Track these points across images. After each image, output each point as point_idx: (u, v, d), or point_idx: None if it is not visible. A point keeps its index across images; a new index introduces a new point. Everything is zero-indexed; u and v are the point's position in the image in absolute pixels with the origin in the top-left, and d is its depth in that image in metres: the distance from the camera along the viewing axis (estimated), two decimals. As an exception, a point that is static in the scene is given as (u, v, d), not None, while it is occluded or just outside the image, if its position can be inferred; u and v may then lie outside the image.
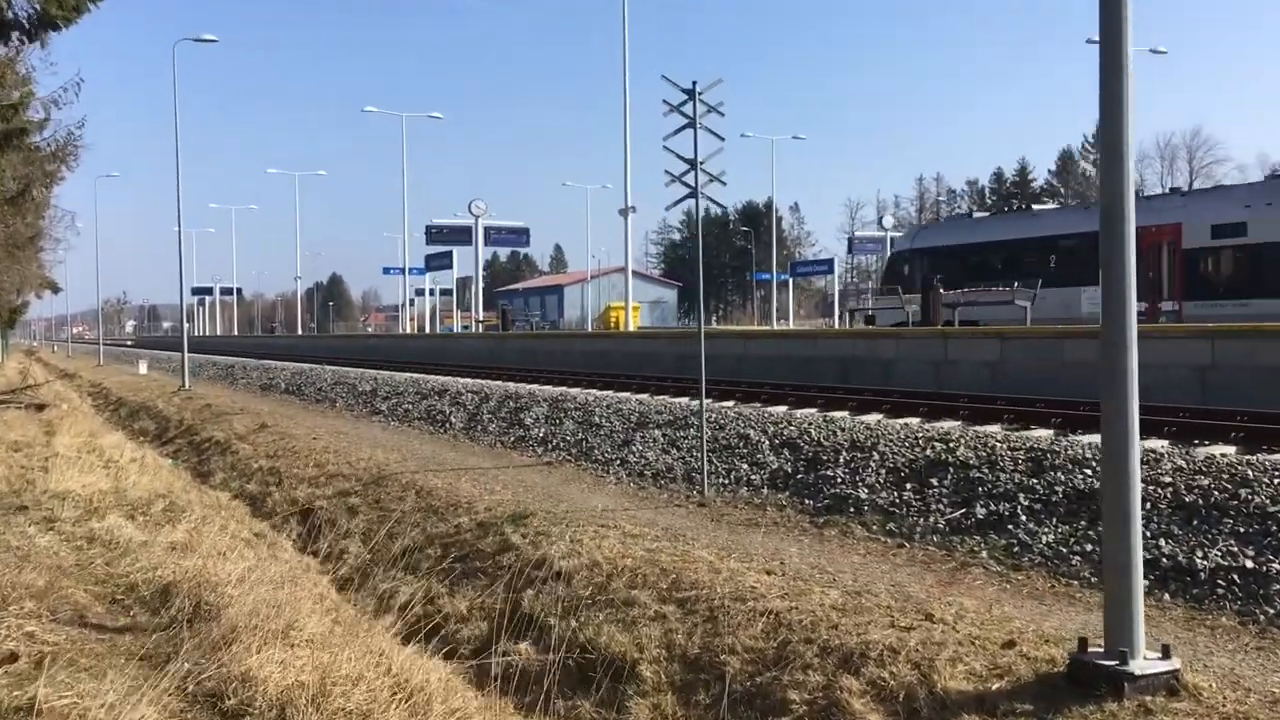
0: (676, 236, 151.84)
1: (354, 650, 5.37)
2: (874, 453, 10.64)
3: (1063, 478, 8.85)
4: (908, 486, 9.69)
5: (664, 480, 12.23)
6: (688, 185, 10.89)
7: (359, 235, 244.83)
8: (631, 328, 33.36)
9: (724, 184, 11.02)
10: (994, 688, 5.52)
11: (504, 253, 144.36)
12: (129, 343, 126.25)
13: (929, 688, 5.64)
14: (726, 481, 11.49)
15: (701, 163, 10.83)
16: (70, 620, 5.52)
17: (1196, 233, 23.64)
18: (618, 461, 13.36)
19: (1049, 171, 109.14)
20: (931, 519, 8.97)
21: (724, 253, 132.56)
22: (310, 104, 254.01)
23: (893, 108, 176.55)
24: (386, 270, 73.21)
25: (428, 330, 59.59)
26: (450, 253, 52.22)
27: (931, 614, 6.64)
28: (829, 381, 19.01)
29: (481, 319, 46.65)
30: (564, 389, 20.45)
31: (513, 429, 16.89)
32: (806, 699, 6.03)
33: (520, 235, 52.82)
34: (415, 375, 27.35)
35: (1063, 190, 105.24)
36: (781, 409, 15.18)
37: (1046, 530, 8.18)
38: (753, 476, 11.38)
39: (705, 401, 16.03)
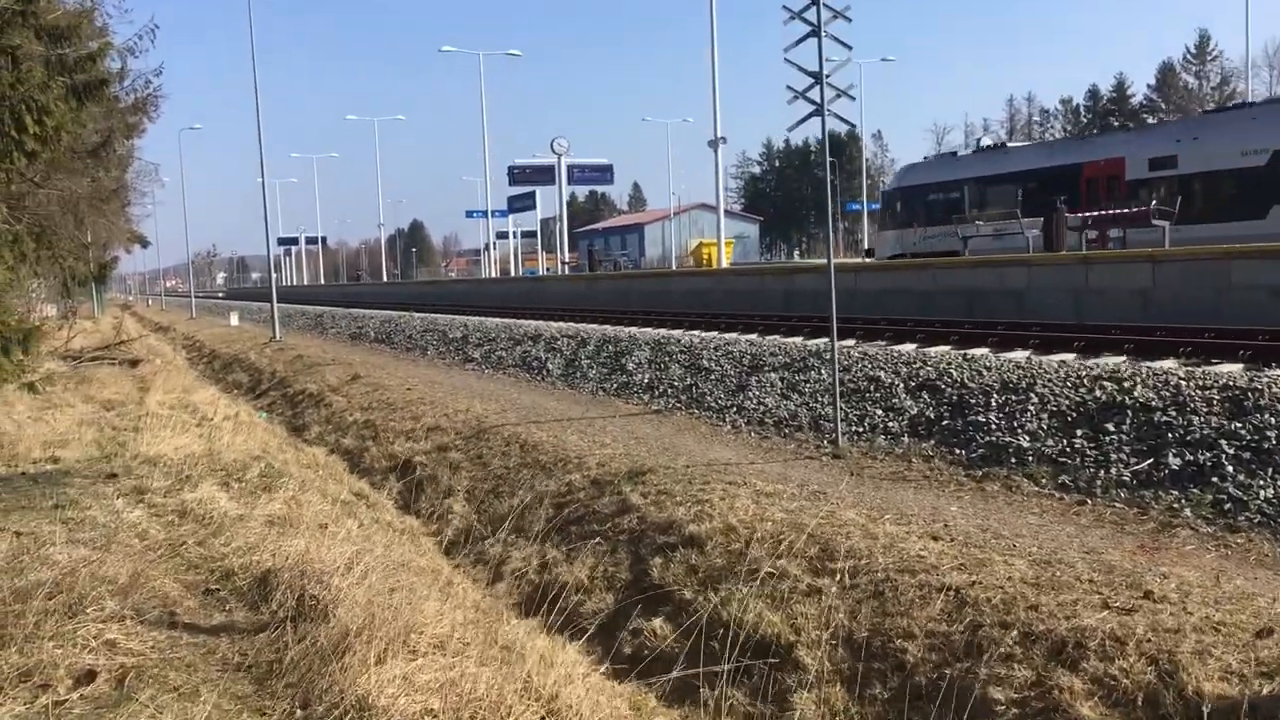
0: (756, 170, 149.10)
1: (485, 653, 4.53)
2: (1031, 394, 9.51)
3: (1273, 420, 7.65)
4: (1078, 433, 8.57)
5: (788, 429, 11.25)
6: (812, 102, 9.75)
7: (438, 180, 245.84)
8: (724, 264, 32.19)
9: (852, 99, 9.86)
10: (1265, 692, 4.48)
11: (582, 193, 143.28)
12: (220, 295, 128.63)
13: (1177, 690, 4.62)
14: (860, 430, 10.47)
15: (827, 76, 9.67)
16: (159, 621, 4.77)
17: (1137, 166, 25.75)
18: (733, 409, 12.41)
19: (1148, 86, 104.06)
20: (1113, 470, 7.86)
21: (805, 185, 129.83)
22: (387, 49, 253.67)
23: (982, 24, 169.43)
24: (469, 214, 72.50)
25: (511, 273, 59.05)
26: (533, 193, 51.19)
27: (1150, 591, 5.59)
28: (953, 316, 17.74)
29: (566, 260, 45.78)
30: (665, 331, 19.51)
31: (614, 375, 16.02)
32: (1014, 698, 5.06)
33: (604, 172, 51.59)
34: (506, 320, 26.64)
35: (1164, 106, 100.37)
36: (909, 347, 14.02)
37: (1263, 483, 7.02)
38: (890, 424, 10.33)
39: (824, 341, 14.96)
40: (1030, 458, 8.52)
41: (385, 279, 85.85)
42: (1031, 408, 9.25)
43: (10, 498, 7.72)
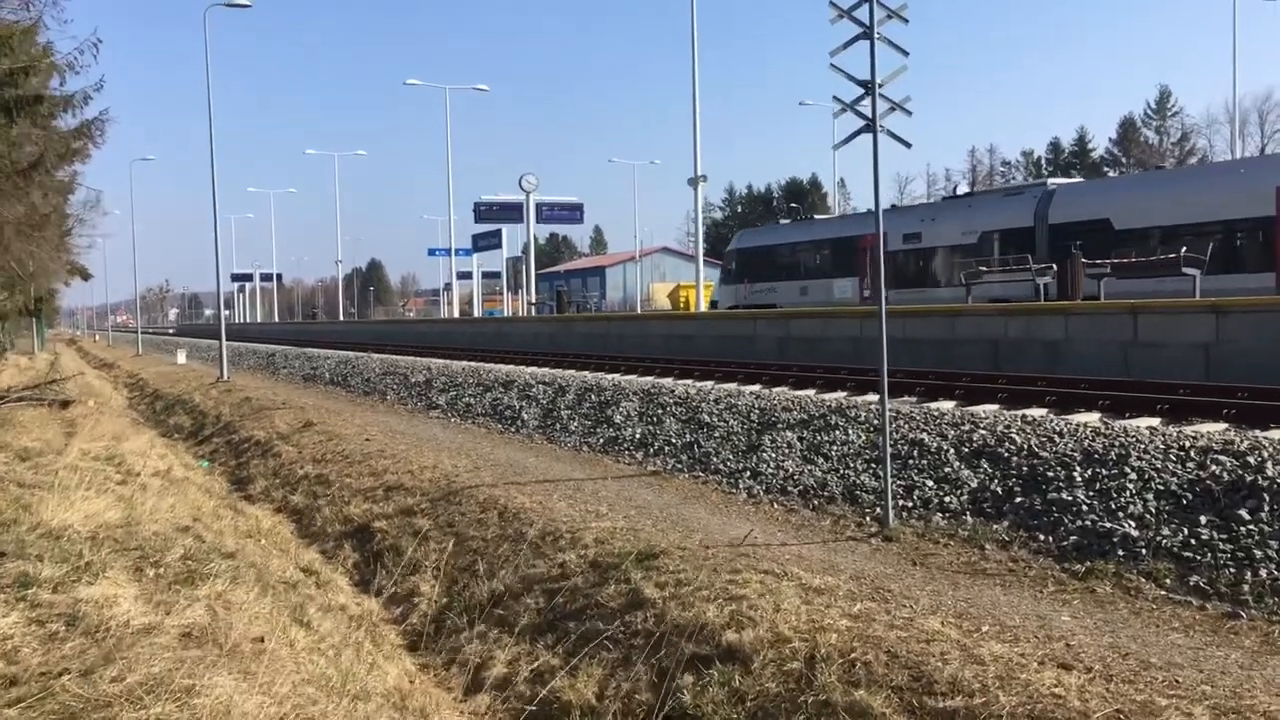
0: (718, 215, 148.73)
1: None
2: (1125, 469, 7.94)
3: None
4: (1201, 521, 6.99)
5: (818, 500, 9.60)
6: (862, 115, 8.22)
7: (398, 219, 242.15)
8: (703, 307, 30.65)
9: (909, 113, 8.34)
10: None
11: (543, 235, 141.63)
12: (170, 331, 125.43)
13: None
14: (910, 504, 8.85)
15: (880, 85, 8.16)
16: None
17: (895, 239, 31.07)
18: (747, 473, 10.76)
19: (1110, 140, 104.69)
20: (1262, 572, 6.29)
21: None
22: (348, 82, 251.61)
23: (944, 74, 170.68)
24: (431, 252, 70.53)
25: (474, 314, 57.21)
26: (499, 231, 49.40)
27: None
28: (977, 367, 16.20)
29: (533, 300, 44.04)
30: (652, 379, 17.86)
31: (600, 428, 14.33)
32: None
33: (574, 211, 49.93)
34: (473, 364, 24.85)
35: (1124, 159, 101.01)
36: (947, 405, 12.42)
37: None
38: (946, 498, 8.72)
39: (843, 396, 13.37)
40: (1143, 550, 6.92)
41: (342, 318, 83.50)
42: (1130, 485, 7.68)
43: None
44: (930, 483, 9.05)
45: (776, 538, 8.61)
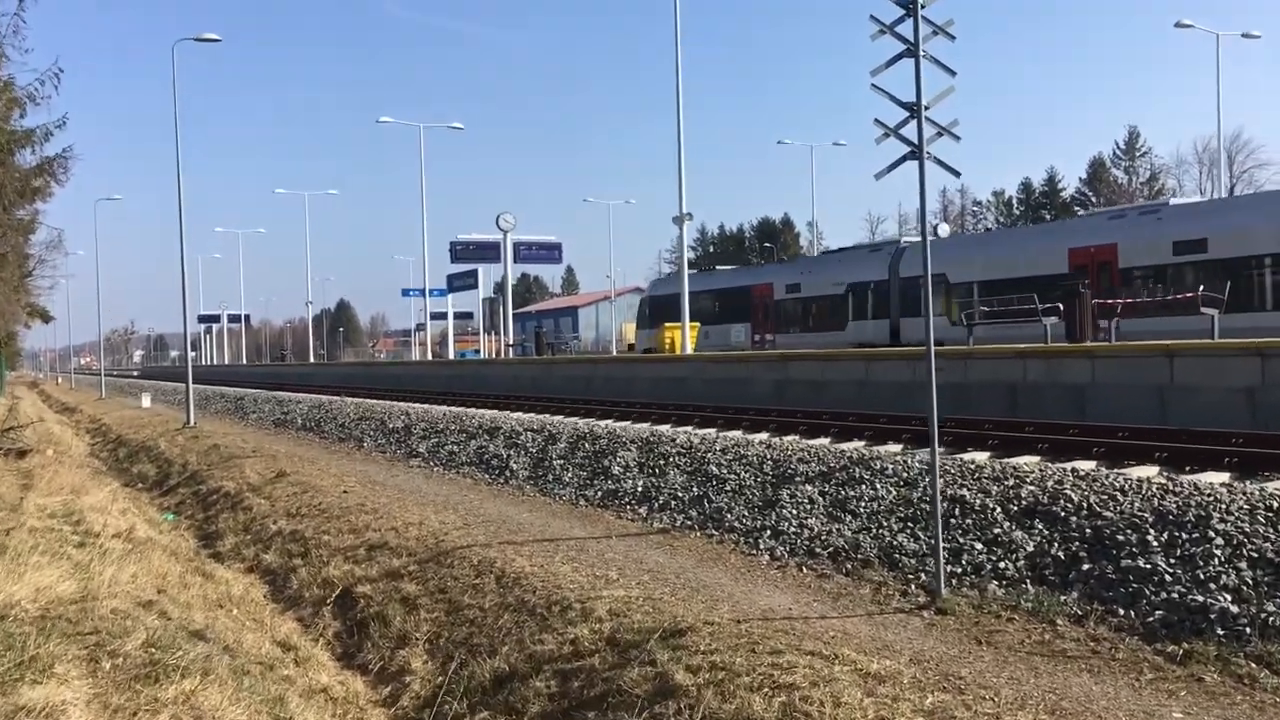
0: (691, 255, 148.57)
1: None
2: (1208, 532, 7.14)
3: None
4: (1310, 593, 6.20)
5: (851, 563, 8.74)
6: (908, 141, 7.47)
7: (367, 259, 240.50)
8: (689, 349, 29.86)
9: (957, 138, 7.60)
10: None
11: (514, 275, 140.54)
12: (135, 374, 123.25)
13: None
14: (957, 569, 8.01)
15: (927, 108, 7.42)
16: None
17: (780, 289, 36.22)
18: (767, 532, 9.88)
19: (1080, 180, 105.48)
20: (1399, 656, 5.48)
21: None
22: (318, 121, 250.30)
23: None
24: (405, 292, 69.33)
25: (449, 355, 56.10)
26: (475, 271, 48.40)
27: None
28: (992, 413, 15.41)
29: (511, 343, 43.04)
30: (650, 426, 16.97)
31: (597, 480, 13.43)
32: None
33: (552, 250, 49.03)
34: (454, 409, 23.86)
35: (1094, 199, 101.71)
36: (980, 456, 11.58)
37: None
38: (1001, 564, 7.88)
39: (861, 445, 12.53)
40: (1246, 628, 6.11)
41: (312, 359, 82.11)
42: (1218, 552, 6.88)
43: None
44: (979, 545, 8.22)
45: (814, 609, 7.74)
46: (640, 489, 12.45)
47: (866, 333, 31.55)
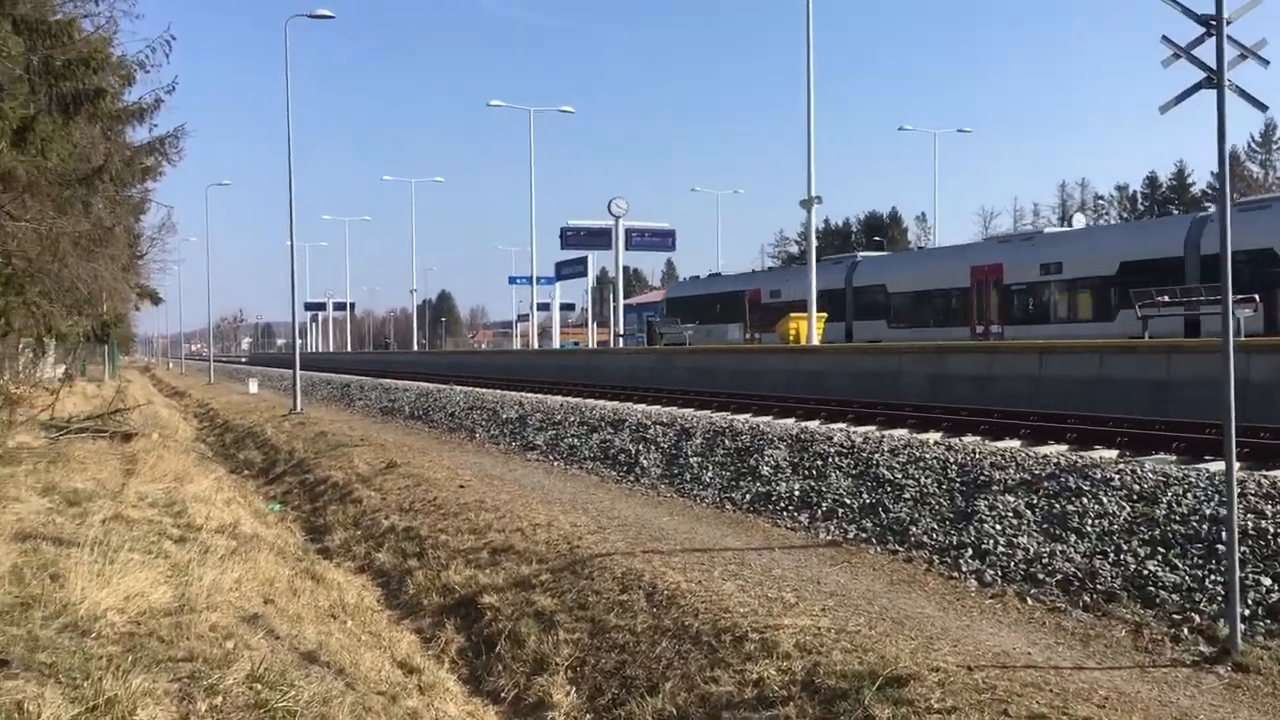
0: (794, 249, 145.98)
1: None
2: None
3: None
4: None
5: (1089, 596, 7.13)
6: (1202, 66, 5.84)
7: (468, 248, 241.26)
8: (815, 340, 28.22)
9: (1265, 62, 5.95)
10: None
11: (612, 267, 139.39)
12: (243, 360, 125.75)
13: None
14: (1242, 610, 6.35)
15: (1229, 22, 5.78)
16: None
17: (766, 294, 41.24)
18: (968, 550, 8.31)
19: (1211, 174, 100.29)
20: None
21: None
22: (426, 105, 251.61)
23: (1034, 107, 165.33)
24: (513, 280, 68.34)
25: (553, 345, 55.17)
26: (585, 259, 47.21)
27: None
28: (1182, 414, 13.52)
29: (622, 332, 41.91)
30: (793, 422, 15.43)
31: (743, 481, 11.98)
32: None
33: (665, 237, 47.51)
34: (570, 399, 22.62)
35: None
36: (1214, 466, 9.76)
37: None
38: (1306, 606, 6.22)
39: (1065, 450, 10.83)
40: None
41: (415, 348, 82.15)
42: None
43: None
44: (1266, 580, 6.54)
45: (1060, 655, 6.17)
46: (797, 493, 10.96)
47: (826, 335, 35.92)
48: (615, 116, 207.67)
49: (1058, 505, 8.55)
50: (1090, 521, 8.08)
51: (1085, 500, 8.44)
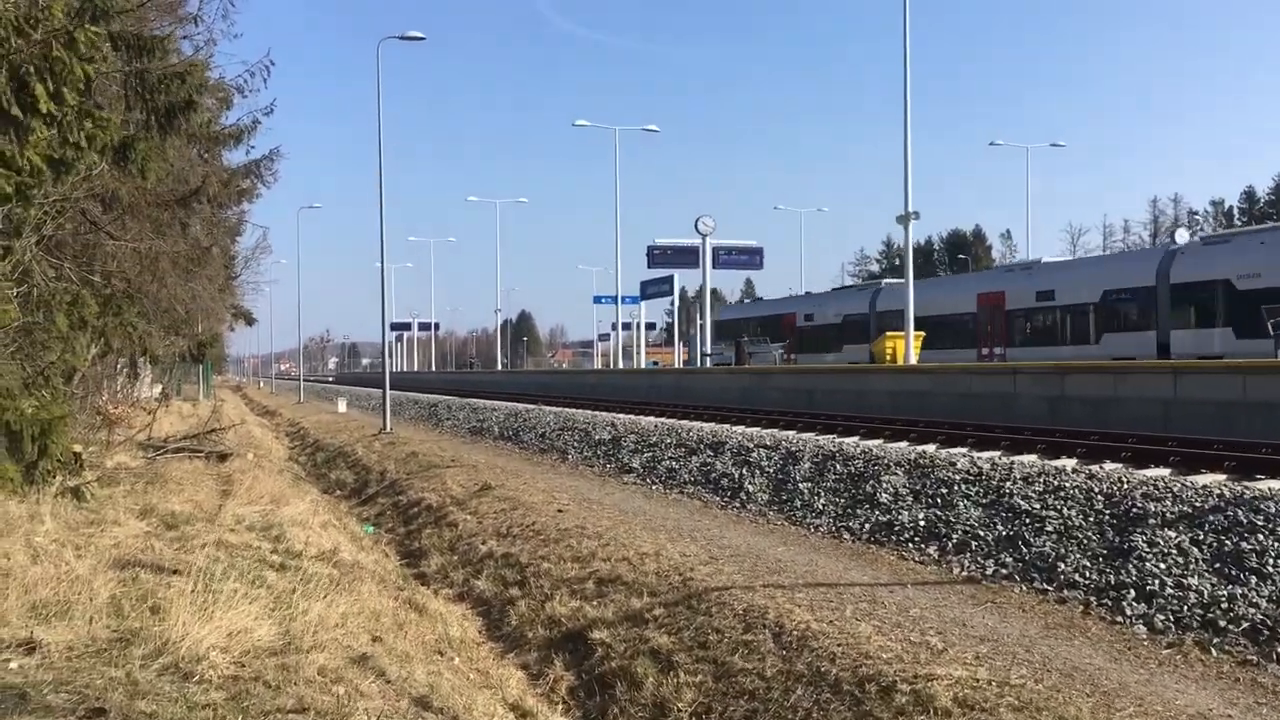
0: (875, 268, 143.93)
1: None
2: None
3: None
4: None
5: (1278, 644, 6.35)
6: None
7: (546, 269, 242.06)
8: (912, 360, 27.34)
9: None
10: None
11: (692, 287, 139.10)
12: (330, 379, 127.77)
13: None
14: None
15: None
16: None
17: (801, 318, 45.42)
18: (1130, 592, 7.54)
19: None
20: None
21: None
22: (509, 126, 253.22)
23: (1126, 122, 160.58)
24: (597, 299, 68.25)
25: (638, 364, 54.79)
26: (670, 278, 46.74)
27: None
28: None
29: (709, 352, 41.35)
30: (908, 446, 14.68)
31: (860, 509, 11.30)
32: None
33: (753, 255, 46.84)
34: (664, 420, 22.06)
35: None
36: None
37: None
38: None
39: (1224, 479, 9.94)
40: None
41: (499, 367, 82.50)
42: None
43: None
44: None
45: None
46: (922, 522, 10.26)
47: (851, 356, 39.01)
48: (692, 136, 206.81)
49: (1229, 542, 7.74)
50: (1271, 561, 7.27)
51: (1262, 537, 7.63)
